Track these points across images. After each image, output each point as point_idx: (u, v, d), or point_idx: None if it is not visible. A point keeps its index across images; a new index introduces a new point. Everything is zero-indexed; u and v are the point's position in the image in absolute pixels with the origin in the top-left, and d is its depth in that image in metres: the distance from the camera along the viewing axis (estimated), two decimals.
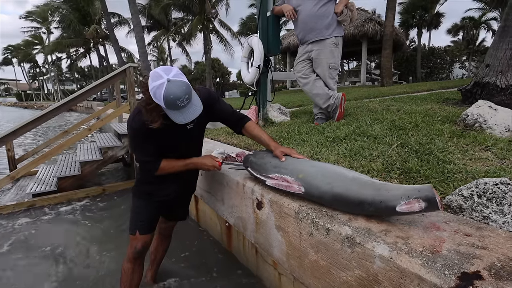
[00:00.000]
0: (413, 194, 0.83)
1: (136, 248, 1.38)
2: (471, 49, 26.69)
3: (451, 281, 0.65)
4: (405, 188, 0.87)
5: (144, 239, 1.39)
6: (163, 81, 1.02)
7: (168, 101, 1.02)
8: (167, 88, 1.01)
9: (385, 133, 1.82)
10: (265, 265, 1.47)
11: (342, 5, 2.32)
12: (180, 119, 1.08)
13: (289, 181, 1.14)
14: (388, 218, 0.94)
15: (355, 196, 0.95)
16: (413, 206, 0.82)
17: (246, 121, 1.45)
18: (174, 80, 1.03)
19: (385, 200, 0.88)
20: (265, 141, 1.39)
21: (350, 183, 1.00)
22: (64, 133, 4.18)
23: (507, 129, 1.59)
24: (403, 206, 0.84)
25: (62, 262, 1.96)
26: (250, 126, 1.45)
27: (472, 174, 1.15)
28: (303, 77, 2.54)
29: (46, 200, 3.04)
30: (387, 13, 8.96)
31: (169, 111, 1.07)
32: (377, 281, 0.83)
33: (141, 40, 9.97)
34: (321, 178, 1.07)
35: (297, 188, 1.11)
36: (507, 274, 0.64)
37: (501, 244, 0.76)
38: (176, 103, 1.03)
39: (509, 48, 2.15)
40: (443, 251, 0.74)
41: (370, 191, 0.93)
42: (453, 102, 2.64)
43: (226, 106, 1.43)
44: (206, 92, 1.33)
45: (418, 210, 0.82)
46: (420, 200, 0.81)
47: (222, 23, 20.95)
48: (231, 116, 1.45)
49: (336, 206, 1.04)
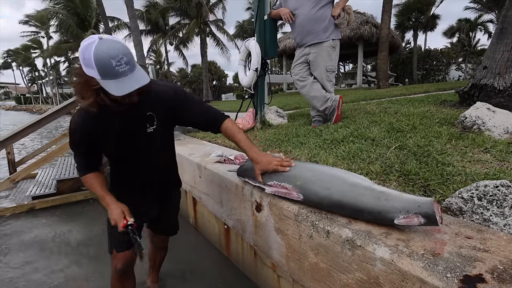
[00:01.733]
0: (413, 209, 0.81)
1: (117, 268, 1.21)
2: (467, 51, 26.96)
3: (453, 284, 0.64)
4: (406, 200, 0.85)
5: (123, 257, 1.21)
6: (93, 40, 0.85)
7: (100, 61, 0.82)
8: (97, 46, 0.83)
9: (383, 135, 1.82)
10: (264, 267, 1.46)
11: (339, 8, 2.33)
12: (117, 89, 0.85)
13: (288, 189, 1.13)
14: None
15: (354, 204, 0.94)
16: (412, 221, 0.81)
17: (222, 121, 1.22)
18: (107, 39, 0.86)
19: (383, 211, 0.87)
20: (242, 147, 1.20)
21: (349, 190, 0.98)
22: (64, 136, 4.17)
23: (506, 131, 1.59)
24: (402, 220, 0.83)
25: (60, 265, 1.94)
26: (227, 129, 1.22)
27: (471, 177, 1.15)
28: (300, 79, 2.54)
29: (46, 202, 3.05)
30: (383, 16, 9.04)
31: (103, 81, 0.85)
32: (378, 284, 0.82)
33: (139, 44, 9.97)
34: (319, 184, 1.05)
35: (296, 195, 1.10)
36: (510, 277, 0.63)
37: (502, 246, 0.75)
38: (111, 65, 0.83)
39: (507, 50, 2.17)
40: (444, 254, 0.74)
41: (369, 199, 0.92)
42: (451, 104, 2.66)
43: (197, 105, 1.20)
44: (171, 90, 1.13)
45: (417, 224, 0.81)
46: (420, 216, 0.80)
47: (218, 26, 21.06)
48: (202, 118, 1.20)
49: (336, 211, 1.03)
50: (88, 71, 0.86)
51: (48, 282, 1.77)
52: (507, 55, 2.16)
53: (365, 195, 0.93)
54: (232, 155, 1.91)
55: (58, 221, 2.73)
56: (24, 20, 28.99)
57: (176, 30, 22.11)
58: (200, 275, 1.79)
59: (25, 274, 1.86)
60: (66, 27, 21.07)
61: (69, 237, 2.37)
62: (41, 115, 3.40)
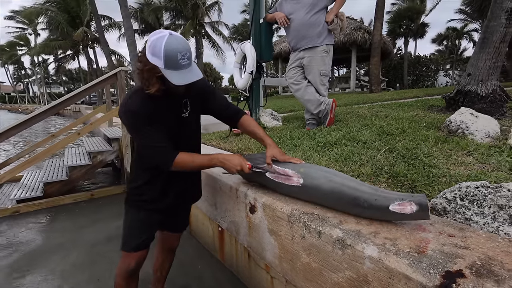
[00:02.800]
0: (407, 198, 0.89)
1: (130, 266, 1.23)
2: (454, 58, 27.79)
3: (435, 280, 0.69)
4: (401, 193, 0.94)
5: (139, 256, 1.24)
6: (164, 34, 0.96)
7: (168, 54, 0.94)
8: (168, 40, 0.95)
9: (374, 138, 1.88)
10: (258, 269, 1.48)
11: (333, 14, 2.40)
12: (178, 79, 0.97)
13: (289, 174, 1.17)
14: (377, 221, 0.98)
15: (352, 191, 1.00)
16: (405, 208, 0.88)
17: (242, 115, 1.36)
18: (176, 35, 0.98)
19: (379, 199, 0.93)
20: (260, 136, 1.30)
21: (349, 179, 1.06)
22: (51, 137, 4.08)
23: (487, 135, 1.67)
24: (396, 206, 0.89)
25: (45, 273, 1.90)
26: (247, 121, 1.34)
27: (455, 178, 1.21)
28: (295, 83, 2.59)
29: (32, 206, 2.95)
30: (375, 22, 9.25)
31: (166, 70, 0.96)
32: (367, 281, 0.85)
33: (132, 44, 9.89)
34: (321, 173, 1.12)
35: (296, 181, 1.14)
36: (487, 272, 0.68)
37: (481, 244, 0.80)
38: (177, 58, 0.95)
39: (489, 59, 2.27)
40: (428, 251, 0.78)
41: (367, 188, 0.99)
42: (438, 109, 2.75)
43: (221, 98, 1.34)
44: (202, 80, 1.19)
45: (409, 212, 0.87)
46: (413, 203, 0.87)
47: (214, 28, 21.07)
48: (226, 108, 1.34)
49: (331, 201, 1.07)
50: (153, 60, 0.97)
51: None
52: (489, 63, 2.26)
53: (363, 185, 1.02)
54: None
55: (43, 226, 2.64)
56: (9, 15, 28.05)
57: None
58: (194, 279, 1.79)
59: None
60: (56, 24, 20.70)
61: (54, 243, 2.31)
62: (28, 115, 3.30)
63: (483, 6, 10.66)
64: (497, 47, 2.24)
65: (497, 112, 2.24)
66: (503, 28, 2.19)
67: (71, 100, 3.55)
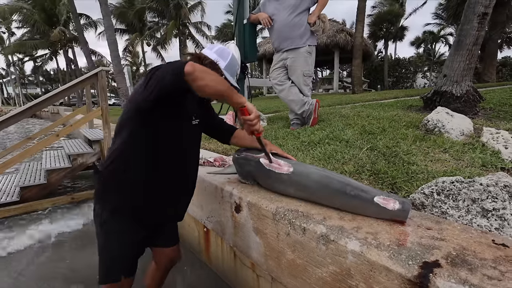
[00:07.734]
0: (393, 196, 0.94)
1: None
2: (431, 60, 29.05)
3: (414, 270, 0.71)
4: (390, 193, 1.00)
5: (129, 283, 1.08)
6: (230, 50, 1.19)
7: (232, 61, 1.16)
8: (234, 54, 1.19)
9: (356, 137, 1.93)
10: (244, 268, 1.48)
11: (315, 16, 2.44)
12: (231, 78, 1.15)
13: (280, 164, 1.19)
14: (360, 217, 1.00)
15: (341, 179, 1.04)
16: (388, 203, 0.92)
17: (236, 128, 1.41)
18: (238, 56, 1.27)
19: (366, 190, 0.98)
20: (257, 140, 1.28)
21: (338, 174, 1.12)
22: (27, 140, 3.88)
23: (462, 133, 1.76)
24: (380, 200, 0.93)
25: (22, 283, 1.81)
26: (241, 132, 1.35)
27: (432, 174, 1.26)
28: (278, 83, 2.62)
29: (7, 211, 2.80)
30: (357, 25, 9.51)
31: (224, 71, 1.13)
32: (350, 275, 0.87)
33: (113, 43, 9.62)
34: (313, 167, 1.17)
35: (286, 169, 1.16)
36: (461, 262, 0.71)
37: (456, 235, 0.84)
38: (235, 68, 1.19)
39: (463, 61, 2.39)
40: (407, 244, 0.81)
41: (355, 182, 1.03)
42: (416, 109, 2.87)
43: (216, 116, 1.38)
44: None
45: (391, 209, 0.91)
46: (397, 202, 0.91)
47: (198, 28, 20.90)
48: (223, 124, 1.39)
49: (318, 189, 1.09)
50: (211, 55, 1.13)
51: None
52: (463, 65, 2.39)
53: (352, 180, 1.06)
54: (211, 157, 1.92)
55: (20, 232, 2.52)
56: None
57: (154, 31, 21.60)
58: (179, 281, 1.76)
59: None
60: (31, 22, 19.78)
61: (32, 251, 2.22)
62: (1, 117, 3.12)
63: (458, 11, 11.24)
64: (470, 50, 2.36)
65: (471, 111, 2.36)
66: (476, 32, 2.32)
67: (49, 101, 3.39)
